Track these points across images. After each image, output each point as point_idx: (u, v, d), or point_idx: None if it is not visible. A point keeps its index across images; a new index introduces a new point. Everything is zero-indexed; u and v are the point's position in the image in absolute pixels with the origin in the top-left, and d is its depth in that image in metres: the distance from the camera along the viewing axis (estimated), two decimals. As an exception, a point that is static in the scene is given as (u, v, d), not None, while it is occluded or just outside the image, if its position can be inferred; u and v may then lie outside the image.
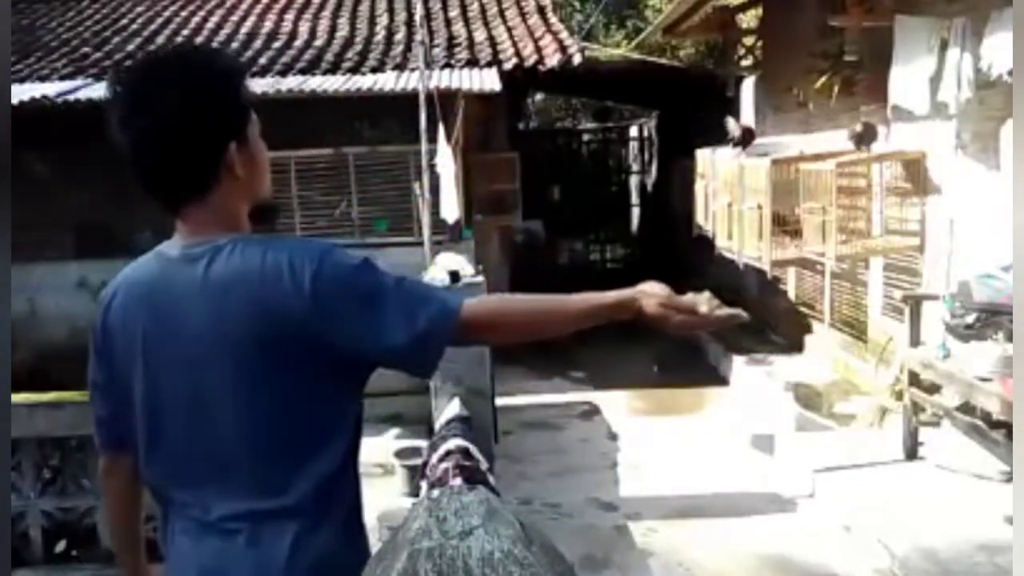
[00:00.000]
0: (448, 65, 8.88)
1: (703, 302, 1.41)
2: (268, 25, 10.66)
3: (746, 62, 10.46)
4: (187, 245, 1.41)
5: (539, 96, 18.40)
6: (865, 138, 6.02)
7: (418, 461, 4.85)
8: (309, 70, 9.01)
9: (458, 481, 3.09)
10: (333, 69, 9.03)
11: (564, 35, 9.70)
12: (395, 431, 6.71)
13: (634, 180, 16.59)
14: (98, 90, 7.79)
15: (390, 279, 1.39)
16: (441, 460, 3.59)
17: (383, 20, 10.74)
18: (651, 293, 1.42)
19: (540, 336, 1.54)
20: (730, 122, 7.69)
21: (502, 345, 4.68)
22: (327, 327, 1.34)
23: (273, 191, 1.59)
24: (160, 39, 10.27)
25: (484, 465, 3.68)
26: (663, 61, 12.66)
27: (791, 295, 8.61)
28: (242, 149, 1.42)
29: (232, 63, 1.53)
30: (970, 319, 4.70)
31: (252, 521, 1.37)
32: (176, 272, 1.40)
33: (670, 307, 1.41)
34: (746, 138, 7.98)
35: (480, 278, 5.41)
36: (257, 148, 1.47)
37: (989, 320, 4.61)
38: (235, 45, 9.91)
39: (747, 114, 8.72)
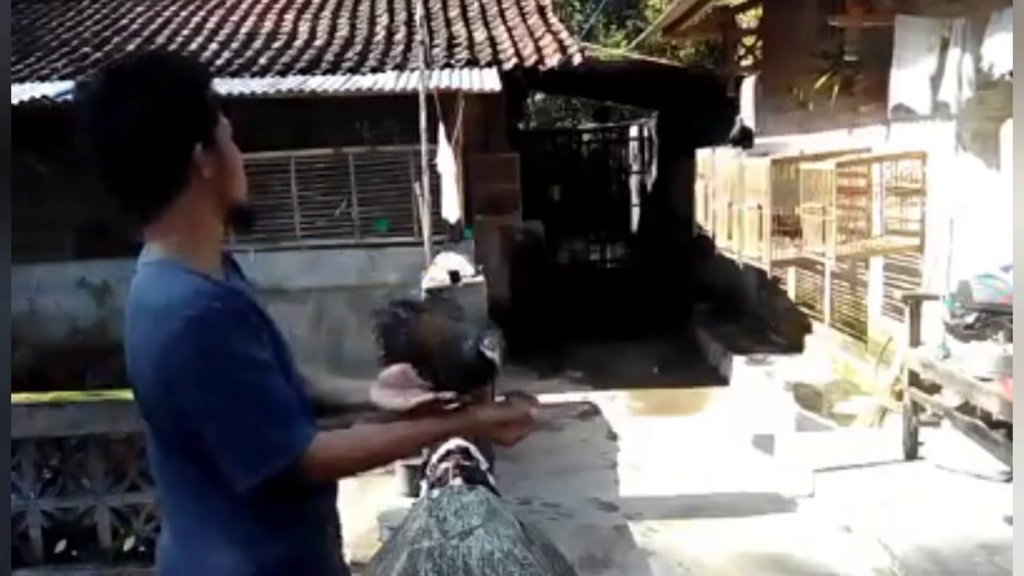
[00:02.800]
0: (448, 65, 8.87)
1: (524, 403, 1.49)
2: (268, 25, 10.65)
3: (746, 62, 10.44)
4: (144, 256, 1.45)
5: (539, 96, 18.41)
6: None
7: (418, 461, 4.84)
8: (309, 70, 9.00)
9: (458, 481, 3.08)
10: (333, 69, 9.03)
11: (564, 35, 9.70)
12: (395, 431, 6.70)
13: (634, 180, 16.59)
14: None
15: (230, 392, 1.33)
16: (441, 460, 3.58)
17: (383, 20, 10.73)
18: (486, 420, 1.50)
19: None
20: (740, 121, 7.72)
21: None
22: (173, 416, 1.37)
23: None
24: (160, 39, 10.27)
25: (484, 465, 3.68)
26: (663, 61, 12.65)
27: (791, 295, 8.61)
28: (209, 151, 1.42)
29: (195, 67, 1.54)
30: (970, 319, 4.69)
31: (190, 543, 1.43)
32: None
33: (511, 424, 1.50)
34: (746, 137, 7.99)
35: (480, 278, 5.39)
36: (226, 151, 1.47)
37: (989, 320, 4.60)
38: (235, 45, 9.91)
39: (747, 114, 8.72)
